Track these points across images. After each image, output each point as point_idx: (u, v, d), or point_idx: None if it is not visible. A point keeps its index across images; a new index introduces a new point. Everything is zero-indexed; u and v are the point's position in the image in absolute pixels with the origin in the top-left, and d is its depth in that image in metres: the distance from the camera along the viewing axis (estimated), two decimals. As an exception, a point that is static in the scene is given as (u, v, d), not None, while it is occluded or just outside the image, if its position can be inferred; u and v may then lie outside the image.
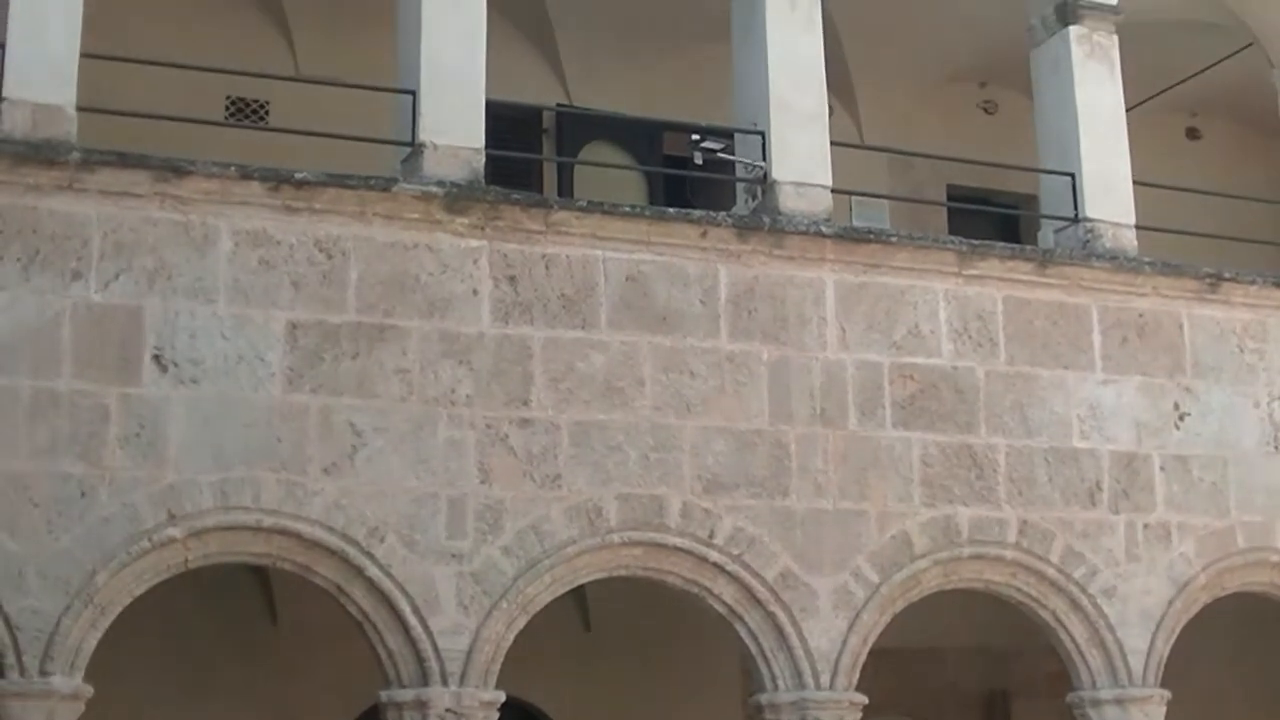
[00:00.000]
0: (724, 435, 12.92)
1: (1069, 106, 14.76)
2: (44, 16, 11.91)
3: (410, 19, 12.98)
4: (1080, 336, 14.22)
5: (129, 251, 11.77)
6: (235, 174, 12.06)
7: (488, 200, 12.56)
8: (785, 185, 13.51)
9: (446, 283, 12.43)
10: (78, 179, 11.69)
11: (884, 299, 13.59)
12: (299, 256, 12.15)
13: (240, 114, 15.82)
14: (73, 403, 11.45)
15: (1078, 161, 14.63)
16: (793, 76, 13.71)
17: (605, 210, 13.00)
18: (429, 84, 12.70)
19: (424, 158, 12.57)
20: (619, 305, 12.83)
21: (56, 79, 11.86)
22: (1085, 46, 14.82)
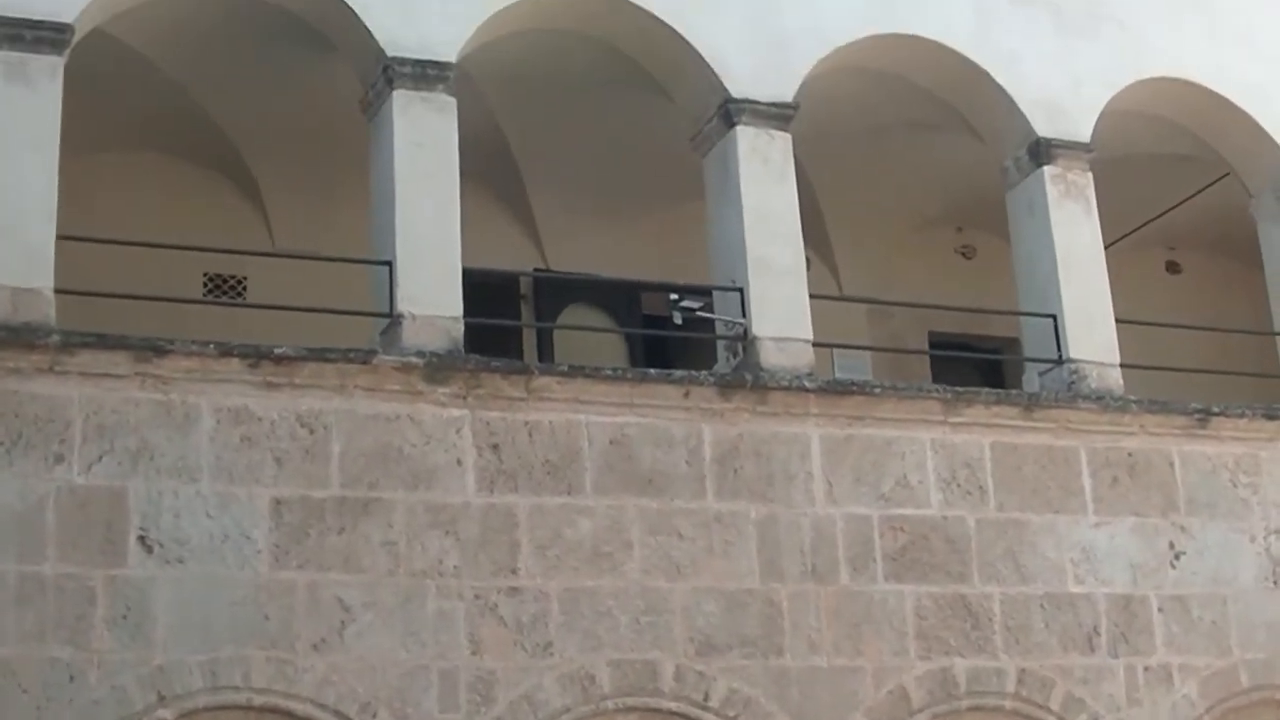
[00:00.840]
0: (715, 596, 12.82)
1: (1047, 247, 14.80)
2: (20, 203, 12.00)
3: (384, 190, 13.06)
4: (1070, 479, 14.16)
5: (111, 433, 11.76)
6: (215, 352, 12.07)
7: (468, 369, 12.55)
8: (766, 341, 13.51)
9: (430, 453, 12.39)
10: (58, 361, 11.72)
11: (870, 451, 13.54)
12: (281, 432, 12.12)
13: (218, 290, 15.84)
14: (59, 586, 11.39)
15: (1059, 302, 14.63)
16: (769, 232, 13.78)
17: (587, 374, 13.00)
18: (405, 254, 12.74)
19: (403, 328, 12.58)
20: (604, 469, 12.78)
21: (34, 263, 11.94)
22: (1060, 186, 14.89)
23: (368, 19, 13.15)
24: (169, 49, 14.40)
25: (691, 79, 14.18)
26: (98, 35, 13.16)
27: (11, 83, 12.25)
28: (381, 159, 13.20)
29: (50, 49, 12.36)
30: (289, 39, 13.99)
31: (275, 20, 13.72)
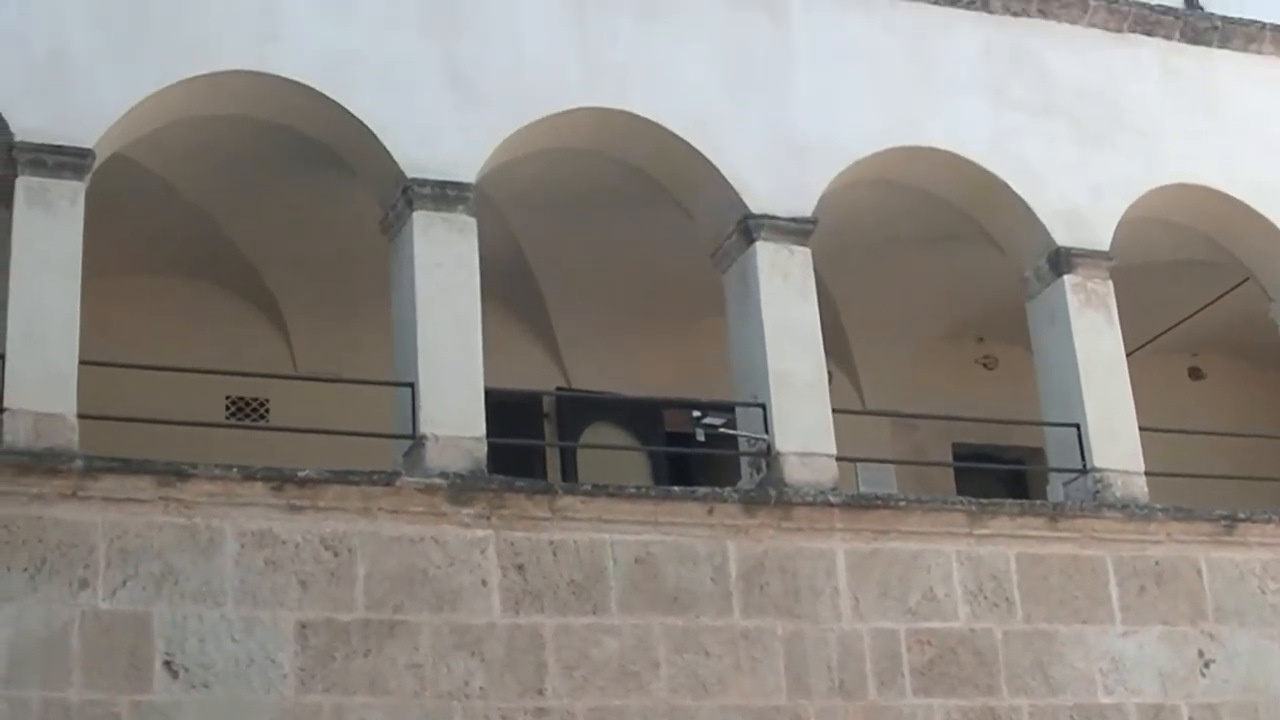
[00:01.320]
0: (743, 714, 12.71)
1: (1069, 356, 14.77)
2: (42, 327, 12.04)
3: (406, 312, 13.10)
4: (1097, 589, 14.06)
5: (135, 557, 11.75)
6: (238, 475, 12.08)
7: (492, 489, 12.55)
8: (789, 456, 13.48)
9: (455, 575, 12.36)
10: (81, 486, 11.73)
11: (896, 565, 13.48)
12: (305, 555, 12.10)
13: (241, 414, 15.86)
14: (84, 713, 11.35)
15: (1082, 411, 14.58)
16: (790, 348, 13.78)
17: (610, 493, 12.99)
18: (427, 376, 12.77)
19: (426, 450, 12.58)
20: (629, 588, 12.73)
21: (57, 388, 11.97)
22: (1081, 295, 14.88)
23: (387, 141, 13.23)
24: (189, 173, 14.50)
25: (710, 195, 14.25)
26: (118, 160, 13.26)
27: (33, 208, 12.34)
28: (402, 280, 13.26)
29: (72, 174, 12.44)
30: (309, 162, 14.09)
31: (294, 144, 13.82)
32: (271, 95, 13.32)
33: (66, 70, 12.74)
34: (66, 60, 12.77)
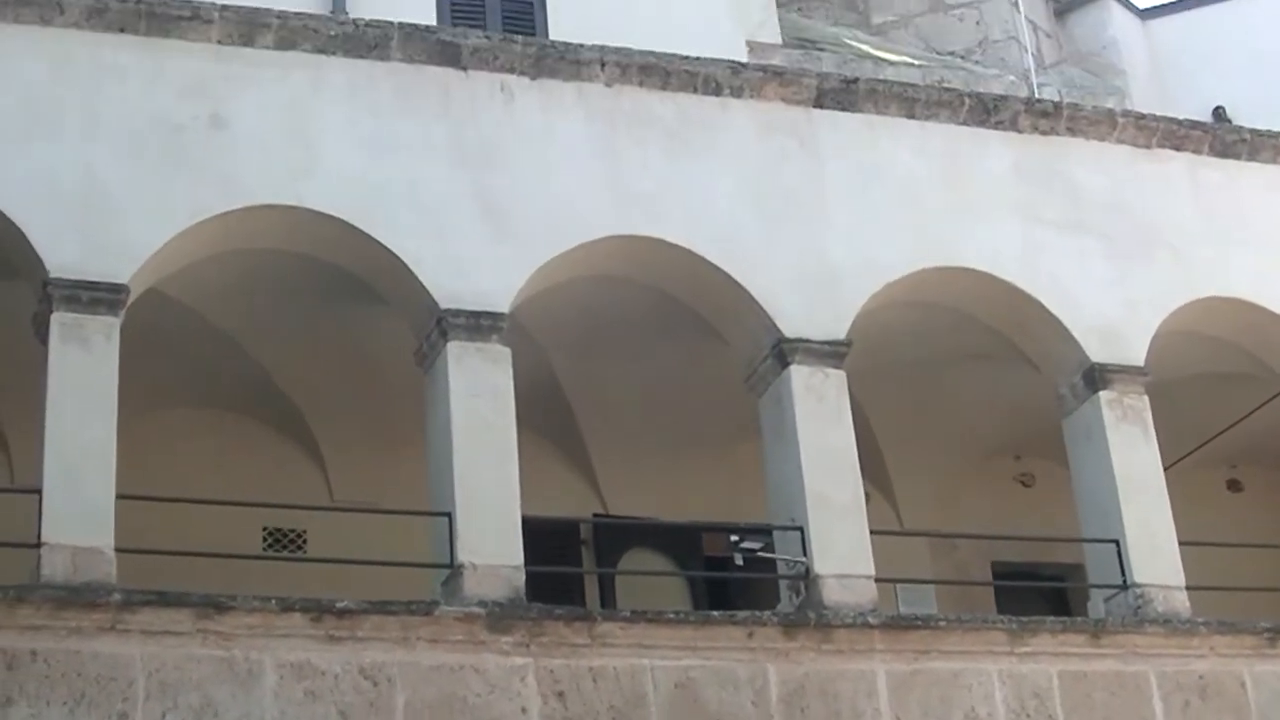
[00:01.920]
0: (788, 836, 12.65)
1: (1106, 473, 14.72)
2: (79, 462, 12.10)
3: (442, 442, 13.13)
4: (1141, 705, 13.96)
5: (174, 690, 11.74)
6: (276, 607, 12.09)
7: (531, 617, 12.52)
8: (828, 579, 13.42)
9: (495, 703, 12.31)
10: (120, 620, 11.75)
11: (937, 685, 13.39)
12: (344, 686, 12.08)
13: (278, 545, 15.83)
14: (127, 844, 11.31)
15: (1121, 527, 14.52)
16: (827, 470, 13.76)
17: (649, 618, 12.96)
18: (464, 505, 12.77)
19: (464, 578, 12.56)
20: (669, 713, 12.66)
21: (94, 522, 12.01)
22: (1117, 410, 14.85)
23: (420, 272, 13.31)
24: (223, 306, 14.60)
25: (744, 320, 14.29)
26: (153, 294, 13.35)
27: (68, 343, 12.41)
28: (438, 410, 13.30)
29: (106, 310, 12.53)
30: (343, 293, 14.18)
31: (327, 275, 13.92)
32: (305, 228, 13.43)
33: (100, 206, 12.87)
34: (100, 196, 12.90)
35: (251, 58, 13.66)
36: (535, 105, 14.19)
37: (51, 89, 13.13)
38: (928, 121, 15.23)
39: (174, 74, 13.43)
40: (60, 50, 13.26)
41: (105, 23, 13.38)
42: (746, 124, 14.70)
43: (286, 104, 13.63)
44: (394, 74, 13.93)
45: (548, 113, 14.20)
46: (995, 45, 22.28)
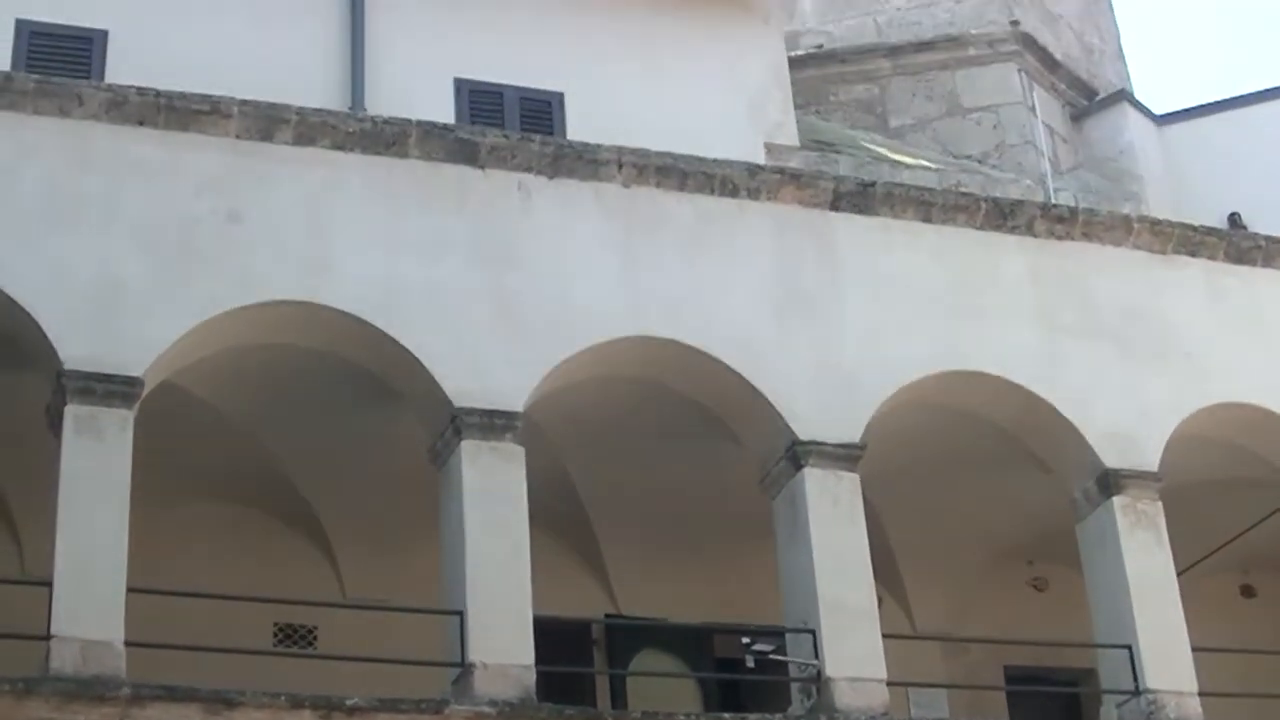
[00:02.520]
0: None
1: (1119, 578, 14.69)
2: (90, 554, 12.10)
3: (454, 539, 13.12)
4: (1154, 810, 13.91)
5: (182, 786, 11.65)
6: (286, 703, 12.09)
7: (541, 717, 12.47)
8: (840, 682, 13.38)
9: (504, 802, 12.27)
10: (129, 714, 11.74)
11: (949, 790, 13.35)
12: (356, 779, 12.04)
13: (289, 641, 15.75)
14: None
15: (1134, 633, 14.48)
16: (840, 573, 13.74)
17: (661, 719, 12.89)
18: (476, 604, 12.74)
19: (475, 677, 12.52)
20: (680, 812, 12.62)
21: (104, 615, 12.00)
22: (1130, 516, 14.82)
23: (435, 370, 13.33)
24: (237, 400, 14.60)
25: (758, 422, 14.28)
26: (167, 387, 13.36)
27: (82, 436, 12.44)
28: (451, 508, 13.29)
29: (120, 403, 12.56)
30: (357, 389, 14.18)
31: (342, 372, 13.93)
32: (320, 324, 13.47)
33: (115, 299, 12.92)
34: (116, 289, 12.96)
35: (270, 153, 13.73)
36: (552, 204, 14.25)
37: (70, 181, 13.22)
38: (944, 225, 15.29)
39: (192, 168, 13.51)
40: (80, 142, 13.36)
41: (125, 115, 13.47)
42: (763, 226, 14.77)
43: (304, 200, 13.70)
44: (411, 171, 14.00)
45: (565, 212, 14.26)
46: (1012, 149, 22.37)
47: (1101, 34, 25.81)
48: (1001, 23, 23.14)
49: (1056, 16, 24.64)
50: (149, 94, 13.53)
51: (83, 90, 13.54)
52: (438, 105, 17.64)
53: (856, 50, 23.12)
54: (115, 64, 17.04)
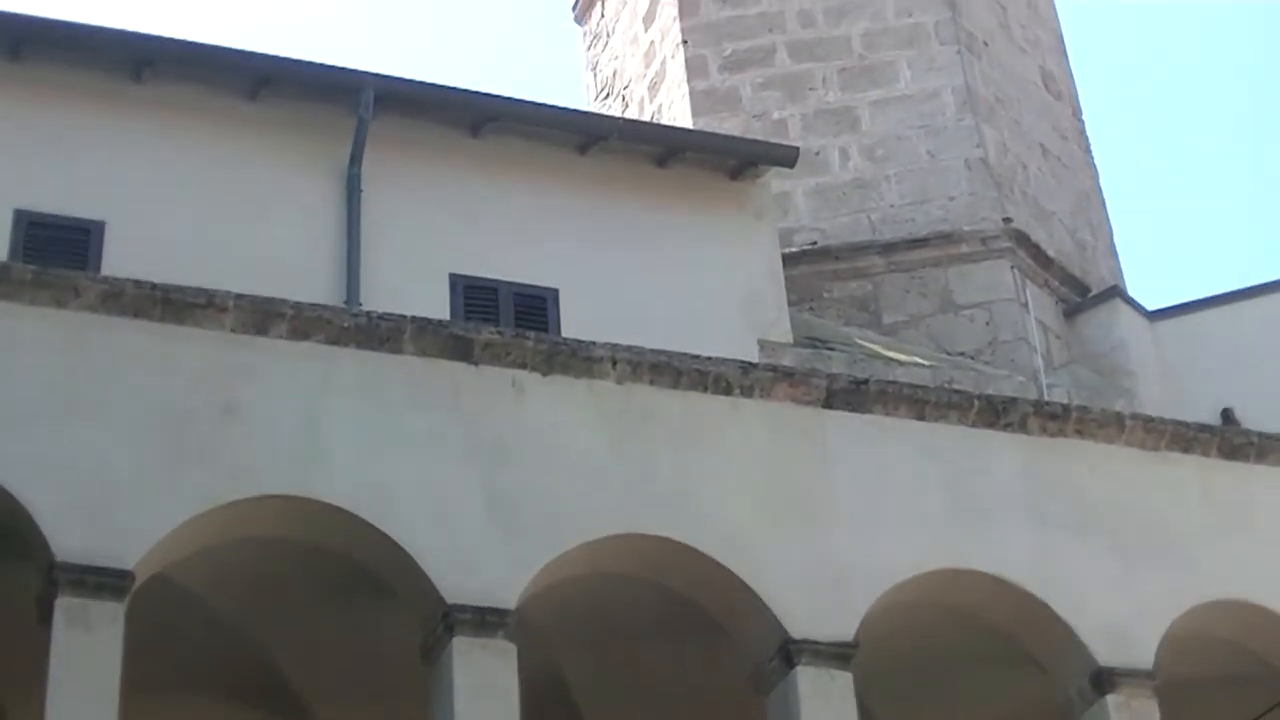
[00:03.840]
0: None
1: (1117, 777, 14.56)
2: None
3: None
4: None
5: None
6: None
7: None
8: None
9: None
10: None
11: None
12: None
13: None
14: None
15: (1126, 829, 14.31)
16: (833, 772, 13.62)
17: None
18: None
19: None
20: None
21: None
22: (1125, 714, 14.69)
23: (427, 567, 13.28)
24: (228, 594, 14.53)
25: (750, 620, 14.20)
26: (158, 580, 13.30)
27: (73, 628, 12.36)
28: (441, 706, 13.16)
29: (111, 595, 12.50)
30: (348, 584, 14.13)
31: (334, 566, 13.88)
32: (312, 519, 13.44)
33: (108, 492, 12.89)
34: (108, 482, 12.93)
35: (265, 347, 13.79)
36: (546, 401, 14.28)
37: (64, 372, 13.25)
38: (937, 423, 15.32)
39: (187, 361, 13.56)
40: (74, 334, 13.41)
41: (121, 307, 13.53)
42: (756, 424, 14.79)
43: (298, 394, 13.73)
44: (406, 367, 14.05)
45: (558, 409, 14.29)
46: (1005, 346, 22.47)
47: (1094, 230, 26.03)
48: (995, 220, 23.34)
49: (1049, 213, 24.86)
50: (145, 287, 13.62)
51: (79, 282, 13.62)
52: (432, 300, 17.75)
53: (850, 247, 23.30)
54: (112, 255, 17.15)
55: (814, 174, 23.50)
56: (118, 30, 18.25)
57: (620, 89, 26.99)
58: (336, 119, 18.63)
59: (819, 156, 23.74)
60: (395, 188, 18.68)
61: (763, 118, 24.20)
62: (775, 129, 23.81)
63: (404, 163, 18.89)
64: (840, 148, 23.98)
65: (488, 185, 19.27)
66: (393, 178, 18.70)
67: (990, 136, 24.19)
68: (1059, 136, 26.38)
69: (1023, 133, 25.26)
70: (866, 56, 24.68)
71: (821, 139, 23.94)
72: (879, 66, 24.60)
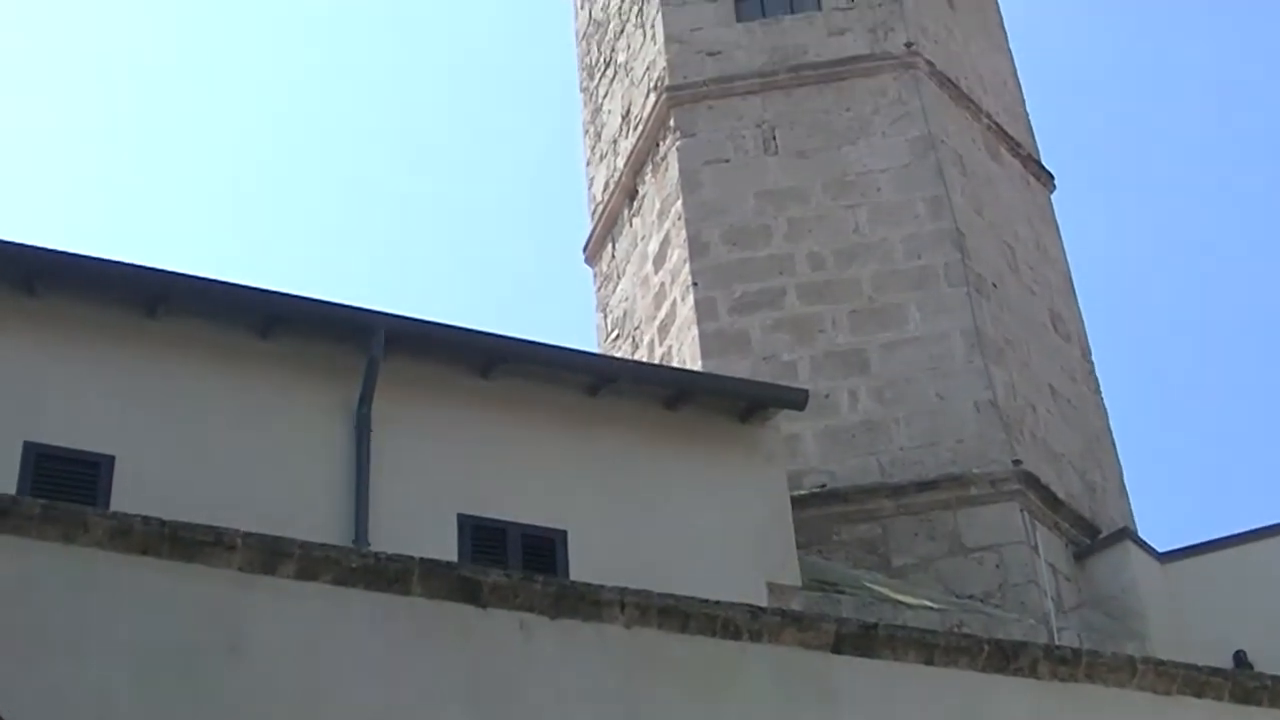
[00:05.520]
0: None
1: None
2: None
3: None
4: None
5: None
6: None
7: None
8: None
9: None
10: None
11: None
12: None
13: None
14: None
15: None
16: None
17: None
18: None
19: None
20: None
21: None
22: None
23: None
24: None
25: None
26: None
27: None
28: None
29: None
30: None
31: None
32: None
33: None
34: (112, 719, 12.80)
35: (271, 585, 13.72)
36: (553, 644, 14.17)
37: (71, 608, 13.17)
38: (946, 668, 15.21)
39: (194, 599, 13.48)
40: (82, 570, 13.34)
41: (129, 544, 13.48)
42: (764, 669, 14.63)
43: (304, 633, 13.64)
44: (413, 608, 13.96)
45: (565, 652, 14.17)
46: (1015, 589, 22.37)
47: (1104, 471, 26.05)
48: (1004, 462, 23.35)
49: (1059, 455, 24.89)
50: (154, 523, 13.58)
51: (88, 517, 13.60)
52: (440, 541, 17.75)
53: (859, 490, 23.30)
54: (121, 490, 17.17)
55: (824, 416, 23.55)
56: (131, 265, 18.35)
57: (630, 330, 27.19)
58: (347, 357, 18.75)
59: (828, 399, 23.82)
60: (405, 427, 18.74)
61: (772, 360, 24.32)
62: (785, 371, 23.93)
63: (413, 402, 18.98)
64: (850, 390, 24.08)
65: (497, 426, 19.33)
66: (402, 417, 18.76)
67: (999, 378, 24.27)
68: (1068, 378, 26.50)
69: (1032, 374, 25.37)
70: (876, 299, 24.86)
71: (831, 381, 24.05)
72: (888, 308, 24.77)
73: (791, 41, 27.59)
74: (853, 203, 25.76)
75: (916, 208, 25.61)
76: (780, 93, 26.96)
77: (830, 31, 27.63)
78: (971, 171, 26.82)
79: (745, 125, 26.69)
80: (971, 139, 27.54)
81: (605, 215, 29.23)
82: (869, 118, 26.58)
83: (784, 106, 26.81)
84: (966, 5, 30.44)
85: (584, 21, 32.65)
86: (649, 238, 27.12)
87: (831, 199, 25.85)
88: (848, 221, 25.62)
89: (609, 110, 30.06)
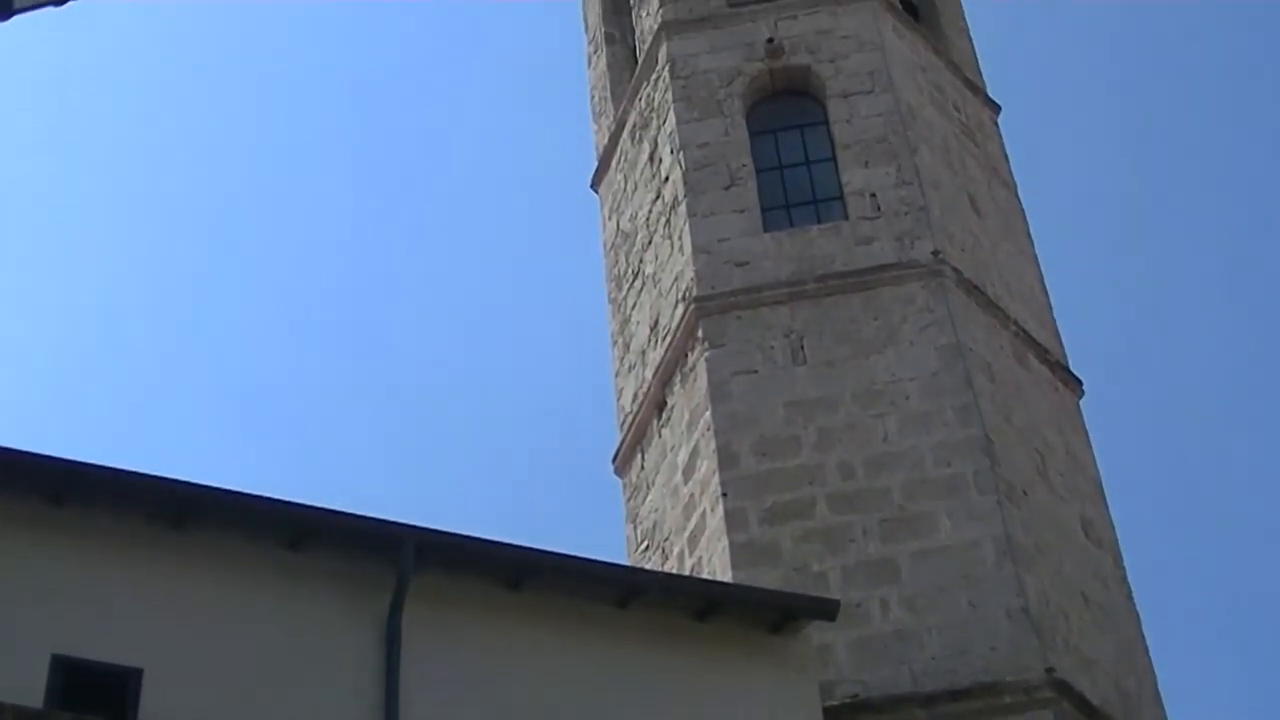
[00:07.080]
0: None
1: None
2: None
3: None
4: None
5: None
6: None
7: None
8: None
9: None
10: None
11: None
12: None
13: None
14: None
15: None
16: None
17: None
18: None
19: None
20: None
21: None
22: None
23: None
24: None
25: None
26: None
27: None
28: None
29: None
30: None
31: None
32: None
33: None
34: None
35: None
36: None
37: None
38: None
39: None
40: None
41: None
42: None
43: None
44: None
45: None
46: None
47: (1139, 678, 25.77)
48: (1037, 670, 23.11)
49: (1092, 661, 24.65)
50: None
51: (116, 734, 13.57)
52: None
53: (891, 699, 23.01)
54: (150, 702, 17.08)
55: (855, 626, 23.33)
56: (159, 478, 18.40)
57: (660, 541, 27.07)
58: (377, 570, 18.71)
59: (859, 608, 23.62)
60: (434, 639, 18.67)
61: (803, 570, 24.15)
62: (816, 581, 23.76)
63: (443, 614, 18.91)
64: (881, 599, 23.88)
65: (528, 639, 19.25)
66: (432, 629, 18.69)
67: (1031, 585, 24.08)
68: (1100, 584, 26.30)
69: (1064, 581, 25.18)
70: (906, 507, 24.74)
71: (862, 591, 23.86)
72: (919, 517, 24.63)
73: (819, 251, 27.74)
74: (882, 411, 25.74)
75: (945, 415, 25.57)
76: (808, 302, 27.04)
77: (857, 240, 27.79)
78: (1000, 379, 26.83)
79: (774, 335, 26.74)
80: (999, 346, 27.58)
81: (634, 426, 29.23)
82: (897, 326, 26.64)
83: (812, 315, 26.89)
84: (993, 212, 30.64)
85: (611, 233, 32.89)
86: (678, 448, 27.10)
87: (861, 408, 25.84)
88: (877, 430, 25.58)
89: (637, 321, 30.19)
